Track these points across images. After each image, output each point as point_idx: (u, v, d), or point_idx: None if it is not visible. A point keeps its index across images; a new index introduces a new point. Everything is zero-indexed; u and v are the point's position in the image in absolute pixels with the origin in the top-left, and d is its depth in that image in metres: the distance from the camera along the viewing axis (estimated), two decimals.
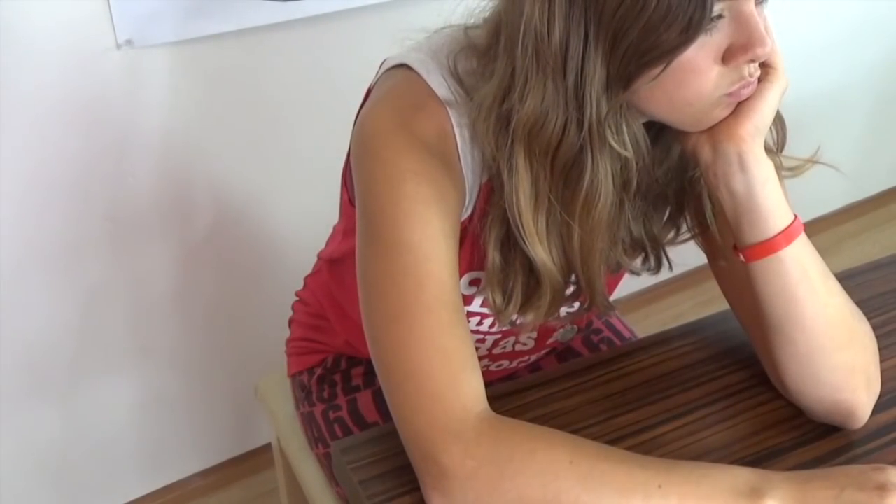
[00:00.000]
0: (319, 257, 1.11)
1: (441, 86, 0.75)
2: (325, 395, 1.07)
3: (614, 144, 0.70)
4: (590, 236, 0.74)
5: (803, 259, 0.75)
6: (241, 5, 1.32)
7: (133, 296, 1.49)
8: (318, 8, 1.39)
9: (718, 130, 0.73)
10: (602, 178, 0.71)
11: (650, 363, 0.88)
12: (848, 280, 0.99)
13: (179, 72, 1.35)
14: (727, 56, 0.67)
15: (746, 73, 0.69)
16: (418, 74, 0.75)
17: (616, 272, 0.89)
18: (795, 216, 0.75)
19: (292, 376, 1.14)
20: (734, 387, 0.85)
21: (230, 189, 1.50)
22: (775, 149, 0.80)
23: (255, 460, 1.75)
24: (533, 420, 0.74)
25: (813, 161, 0.82)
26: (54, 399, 1.49)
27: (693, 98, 0.69)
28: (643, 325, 1.98)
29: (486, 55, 0.74)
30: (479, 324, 0.89)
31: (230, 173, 1.49)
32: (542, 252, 0.74)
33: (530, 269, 0.78)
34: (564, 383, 0.86)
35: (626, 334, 1.14)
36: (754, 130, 0.72)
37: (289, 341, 1.16)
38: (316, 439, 1.07)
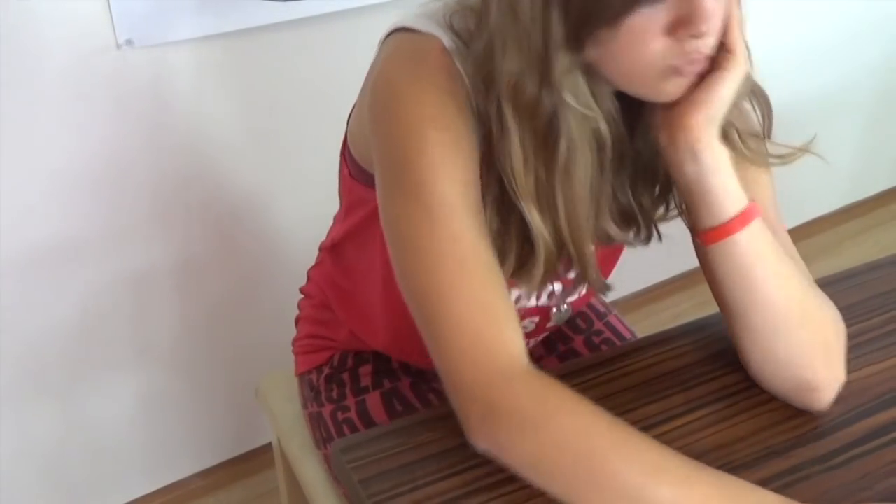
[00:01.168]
0: (321, 249, 1.12)
1: (444, 37, 0.75)
2: (335, 395, 1.07)
3: (572, 103, 0.71)
4: (572, 203, 0.75)
5: (757, 242, 0.76)
6: (240, 5, 1.32)
7: (133, 296, 1.49)
8: (318, 8, 1.39)
9: (672, 118, 0.74)
10: (577, 141, 0.72)
11: (650, 363, 0.88)
12: (848, 280, 0.99)
13: (179, 71, 1.35)
14: (671, 29, 0.67)
15: (692, 49, 0.69)
16: (420, 32, 0.76)
17: (609, 243, 0.89)
18: (751, 202, 0.76)
19: (300, 375, 1.14)
20: (734, 387, 0.85)
21: (230, 189, 1.50)
22: (762, 134, 0.81)
23: (255, 460, 1.75)
24: None
25: (803, 150, 0.82)
26: (54, 399, 1.49)
27: (637, 65, 0.70)
28: (643, 325, 1.98)
29: (479, 16, 0.75)
30: None
31: (230, 173, 1.49)
32: (536, 213, 0.75)
33: (525, 237, 0.78)
34: (564, 383, 0.85)
35: (626, 334, 1.14)
36: (705, 120, 0.73)
37: (295, 340, 1.16)
38: (324, 439, 1.07)
